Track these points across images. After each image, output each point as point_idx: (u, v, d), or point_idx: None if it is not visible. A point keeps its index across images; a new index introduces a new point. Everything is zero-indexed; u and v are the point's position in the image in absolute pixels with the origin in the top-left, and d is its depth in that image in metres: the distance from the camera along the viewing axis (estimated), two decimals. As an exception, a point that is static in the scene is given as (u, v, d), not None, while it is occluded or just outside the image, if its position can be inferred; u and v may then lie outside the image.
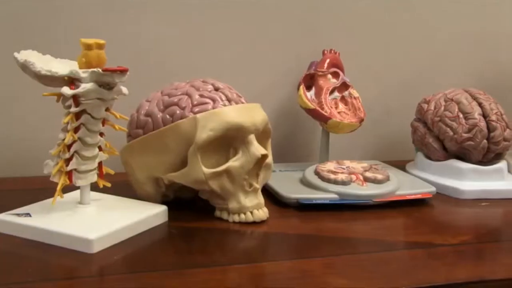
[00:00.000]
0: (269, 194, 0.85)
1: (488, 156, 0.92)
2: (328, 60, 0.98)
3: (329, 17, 1.07)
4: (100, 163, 0.71)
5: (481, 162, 0.92)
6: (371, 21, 1.10)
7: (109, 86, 0.67)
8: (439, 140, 0.94)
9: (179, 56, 1.01)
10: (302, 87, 0.95)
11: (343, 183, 0.82)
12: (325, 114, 0.92)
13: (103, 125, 0.70)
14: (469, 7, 1.15)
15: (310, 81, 0.97)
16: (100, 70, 0.65)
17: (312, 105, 0.92)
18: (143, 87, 0.92)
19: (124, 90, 0.69)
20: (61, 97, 0.68)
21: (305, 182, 0.85)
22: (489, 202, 0.87)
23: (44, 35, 0.93)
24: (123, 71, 0.66)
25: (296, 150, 1.10)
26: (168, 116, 0.74)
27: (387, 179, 0.85)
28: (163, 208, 0.73)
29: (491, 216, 0.80)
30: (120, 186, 0.81)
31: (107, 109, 0.69)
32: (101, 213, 0.70)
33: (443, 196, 0.89)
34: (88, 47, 0.65)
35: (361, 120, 0.94)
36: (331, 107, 0.94)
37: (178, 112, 0.73)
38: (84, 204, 0.71)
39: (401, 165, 1.01)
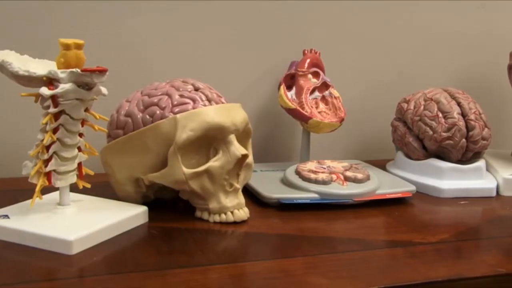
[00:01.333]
0: (250, 194, 0.85)
1: (467, 155, 0.93)
2: (308, 60, 0.98)
3: (309, 17, 1.07)
4: (79, 164, 0.71)
5: (460, 161, 0.93)
6: (351, 21, 1.10)
7: (88, 87, 0.66)
8: (419, 139, 0.95)
9: (159, 56, 1.00)
10: (282, 87, 0.95)
11: (324, 182, 0.83)
12: (306, 113, 0.92)
13: (82, 126, 0.69)
14: (449, 8, 1.16)
15: (290, 81, 0.97)
16: (78, 70, 0.64)
17: (292, 105, 0.93)
18: (123, 87, 0.92)
19: (104, 90, 0.68)
20: (39, 97, 0.67)
21: (285, 182, 0.85)
22: (468, 201, 0.87)
23: (22, 35, 0.92)
24: (102, 71, 0.65)
25: (277, 150, 1.10)
26: (148, 117, 0.74)
27: (368, 178, 0.86)
28: (143, 209, 0.73)
29: (470, 215, 0.81)
30: (100, 187, 0.81)
31: (86, 110, 0.69)
32: (80, 214, 0.70)
33: (423, 195, 0.90)
34: (67, 47, 0.65)
35: (342, 120, 0.94)
36: (312, 107, 0.94)
37: (158, 112, 0.73)
38: (63, 205, 0.70)
39: (381, 165, 1.02)
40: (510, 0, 1.18)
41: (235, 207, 0.74)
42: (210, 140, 0.73)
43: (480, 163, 0.92)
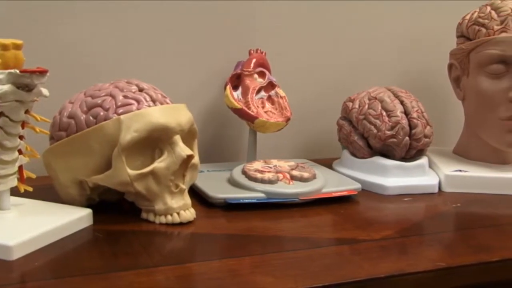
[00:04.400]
0: (197, 195, 0.84)
1: (410, 152, 0.95)
2: (254, 60, 0.98)
3: (255, 17, 1.08)
4: (20, 167, 0.69)
5: (404, 159, 0.95)
6: (297, 21, 1.11)
7: (28, 88, 0.65)
8: (364, 137, 0.96)
9: (103, 57, 0.99)
10: (228, 87, 0.95)
11: (270, 182, 0.83)
12: (252, 113, 0.92)
13: (22, 128, 0.67)
14: (392, 9, 1.18)
15: (236, 81, 0.97)
16: (17, 71, 0.63)
17: (238, 105, 0.93)
18: (66, 88, 0.90)
19: (45, 91, 0.67)
20: (-24, 99, 0.65)
21: (232, 182, 0.85)
22: (411, 197, 0.89)
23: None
24: (42, 72, 0.64)
25: (224, 150, 1.10)
26: (91, 118, 0.72)
27: (314, 177, 0.87)
28: (87, 212, 0.72)
29: (413, 211, 0.83)
30: (43, 190, 0.79)
31: (27, 112, 0.67)
32: (22, 218, 0.68)
33: (368, 193, 0.91)
34: (5, 47, 0.63)
35: (288, 119, 0.95)
36: (258, 107, 0.94)
37: (101, 113, 0.72)
38: (3, 210, 0.69)
39: (328, 163, 1.03)
40: (452, 0, 1.21)
41: (181, 208, 0.73)
42: (155, 141, 0.72)
43: (423, 160, 0.95)
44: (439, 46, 1.17)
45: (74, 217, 0.70)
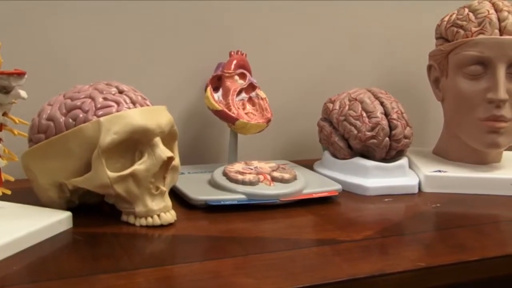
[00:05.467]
0: (178, 197, 0.84)
1: (390, 153, 0.95)
2: (235, 61, 0.98)
3: (236, 18, 1.08)
4: (-2, 170, 0.69)
5: (384, 160, 0.95)
6: (278, 22, 1.11)
7: (5, 90, 0.64)
8: (344, 138, 0.96)
9: (82, 58, 0.98)
10: (209, 89, 0.95)
11: (251, 183, 0.83)
12: (233, 115, 0.92)
13: (0, 130, 0.67)
14: (372, 9, 1.19)
15: (217, 82, 0.97)
16: (-5, 73, 0.62)
17: (219, 107, 0.93)
18: (44, 90, 0.90)
19: (23, 94, 0.66)
20: (-47, 101, 0.65)
21: (213, 184, 0.85)
22: (392, 198, 0.90)
23: None
24: (20, 74, 0.63)
25: (205, 151, 1.10)
26: (71, 120, 0.72)
27: (294, 178, 0.87)
28: (67, 214, 0.71)
29: (394, 211, 0.83)
30: (22, 193, 0.79)
31: (4, 114, 0.67)
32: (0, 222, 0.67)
33: (349, 193, 0.91)
34: (-18, 49, 0.63)
35: (268, 121, 0.95)
36: (239, 108, 0.94)
37: (81, 115, 0.72)
38: (-19, 213, 0.68)
39: (309, 164, 1.03)
40: (431, 1, 1.22)
41: (161, 210, 0.73)
42: (135, 143, 0.72)
43: (403, 161, 0.95)
44: (419, 48, 1.18)
45: (54, 220, 0.69)
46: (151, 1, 1.01)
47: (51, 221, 0.69)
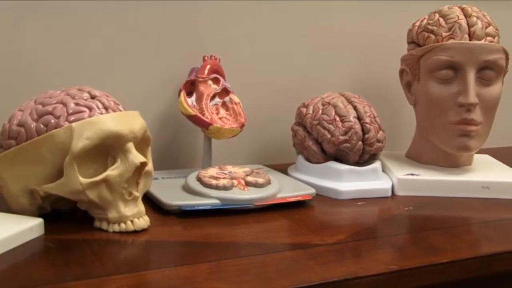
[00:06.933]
0: (151, 202, 0.84)
1: (364, 157, 0.96)
2: (208, 66, 0.98)
3: (209, 23, 1.08)
4: (-32, 177, 0.68)
5: (357, 163, 0.96)
6: (251, 28, 1.11)
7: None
8: (318, 143, 0.97)
9: (54, 63, 0.97)
10: (182, 94, 0.94)
11: (225, 188, 0.83)
12: (206, 120, 0.92)
13: (-30, 137, 0.66)
14: (345, 14, 1.20)
15: (191, 87, 0.97)
16: (-36, 78, 0.61)
17: (193, 111, 0.93)
18: (15, 95, 0.89)
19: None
20: None
21: (187, 189, 0.85)
22: (365, 201, 0.90)
23: None
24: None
25: (179, 156, 1.09)
26: (42, 126, 0.71)
27: (268, 182, 0.87)
28: (38, 221, 0.71)
29: (367, 215, 0.84)
30: (-8, 200, 0.78)
31: (-26, 120, 0.66)
32: (-31, 229, 0.67)
33: (323, 197, 0.92)
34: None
35: (242, 125, 0.95)
36: (212, 113, 0.94)
37: (52, 121, 0.71)
38: (-50, 221, 0.67)
39: (283, 168, 1.04)
40: (403, 5, 1.24)
41: (135, 215, 0.73)
42: (108, 148, 0.71)
43: (376, 164, 0.96)
44: (391, 52, 1.19)
45: (25, 227, 0.68)
46: (123, 6, 1.01)
47: (22, 228, 0.68)
